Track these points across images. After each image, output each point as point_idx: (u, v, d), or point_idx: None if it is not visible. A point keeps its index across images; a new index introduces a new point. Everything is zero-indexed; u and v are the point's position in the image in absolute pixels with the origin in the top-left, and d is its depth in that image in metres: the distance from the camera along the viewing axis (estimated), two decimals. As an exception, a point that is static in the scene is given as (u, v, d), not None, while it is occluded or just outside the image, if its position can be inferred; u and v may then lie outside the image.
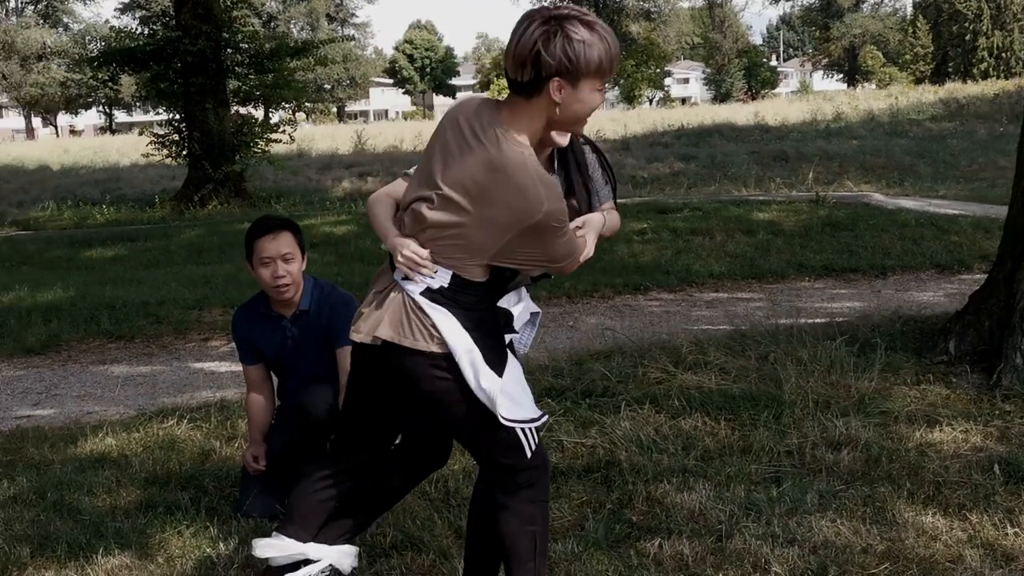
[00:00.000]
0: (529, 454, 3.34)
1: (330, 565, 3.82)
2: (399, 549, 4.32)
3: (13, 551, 4.43)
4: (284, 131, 22.29)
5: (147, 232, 15.93)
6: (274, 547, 3.77)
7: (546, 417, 3.41)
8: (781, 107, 41.59)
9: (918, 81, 71.38)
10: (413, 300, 3.25)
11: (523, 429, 3.30)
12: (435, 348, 3.22)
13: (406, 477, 3.99)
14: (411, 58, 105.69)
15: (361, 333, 3.38)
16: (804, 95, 63.91)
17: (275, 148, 22.56)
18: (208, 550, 4.43)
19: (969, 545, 4.15)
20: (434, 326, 3.21)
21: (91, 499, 5.03)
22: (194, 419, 6.25)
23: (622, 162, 24.37)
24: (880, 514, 4.45)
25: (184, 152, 21.61)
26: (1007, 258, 6.19)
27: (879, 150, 24.97)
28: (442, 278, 3.24)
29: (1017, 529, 4.25)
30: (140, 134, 22.74)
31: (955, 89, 44.18)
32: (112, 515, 4.80)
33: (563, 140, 3.30)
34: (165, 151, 21.93)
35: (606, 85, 3.21)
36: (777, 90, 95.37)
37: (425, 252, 3.22)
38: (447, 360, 3.22)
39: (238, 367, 5.10)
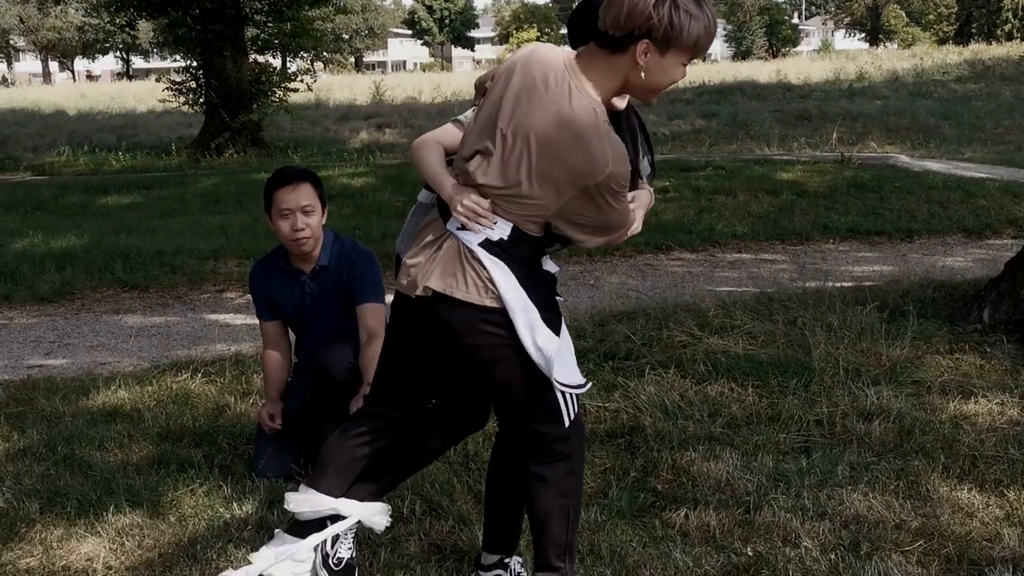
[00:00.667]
0: (567, 423, 3.24)
1: (358, 522, 3.67)
2: (417, 515, 4.20)
3: (22, 506, 4.32)
4: (303, 80, 22.05)
5: (163, 180, 15.79)
6: (306, 501, 3.61)
7: (589, 384, 3.27)
8: (803, 65, 41.10)
9: (941, 42, 70.56)
10: (470, 251, 3.11)
11: (567, 395, 3.19)
12: (488, 302, 3.08)
13: (445, 437, 3.80)
14: (430, 9, 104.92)
15: (408, 284, 3.24)
16: (826, 54, 63.17)
17: (292, 98, 22.34)
18: (221, 510, 4.32)
19: (1007, 523, 4.00)
20: (490, 279, 3.07)
21: (102, 454, 4.91)
22: (208, 373, 6.13)
23: (643, 118, 24.06)
24: (914, 488, 4.31)
25: (201, 100, 21.41)
26: (1047, 225, 6.00)
27: (903, 111, 24.63)
28: (502, 229, 3.09)
29: (1057, 508, 4.11)
30: (157, 80, 22.59)
31: (980, 50, 43.58)
32: (123, 471, 4.68)
33: (621, 103, 3.17)
34: (182, 98, 21.74)
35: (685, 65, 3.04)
36: (799, 48, 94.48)
37: (486, 202, 3.08)
38: (500, 315, 3.08)
39: (253, 320, 4.97)
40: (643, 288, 8.38)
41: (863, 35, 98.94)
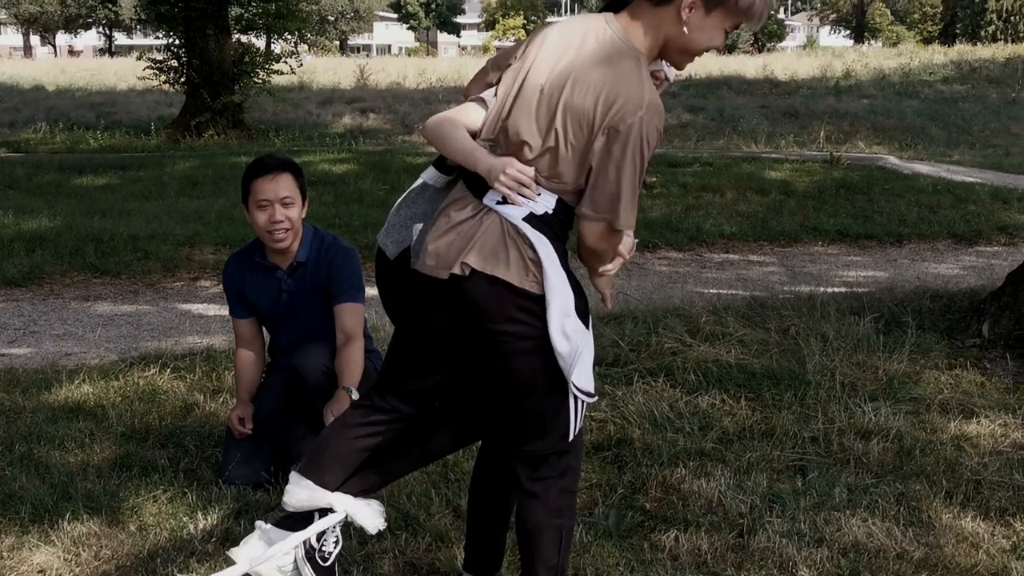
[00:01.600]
0: (572, 436, 3.05)
1: (345, 517, 3.41)
2: (392, 529, 3.96)
3: (-28, 511, 4.07)
4: (287, 63, 21.69)
5: (140, 161, 15.47)
6: (299, 492, 3.33)
7: (596, 397, 3.07)
8: (790, 61, 40.89)
9: (926, 41, 70.66)
10: (514, 226, 2.91)
11: (577, 404, 3.01)
12: (528, 285, 2.88)
13: (454, 439, 3.55)
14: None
15: (436, 265, 3.01)
16: (812, 50, 63.07)
17: (276, 80, 21.99)
18: (185, 519, 4.08)
19: (1014, 556, 3.82)
20: (533, 259, 2.88)
21: (62, 454, 4.66)
22: (178, 368, 5.88)
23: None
24: (915, 515, 4.11)
25: (182, 79, 21.03)
26: (1051, 238, 5.80)
27: (890, 111, 24.48)
28: (546, 202, 2.91)
29: (1065, 540, 3.91)
30: (138, 58, 22.12)
31: (965, 51, 43.48)
32: (83, 473, 4.44)
33: (672, 72, 3.06)
34: (162, 77, 21.34)
35: (727, 33, 2.96)
36: (784, 43, 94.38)
37: (531, 170, 2.89)
38: (535, 303, 2.88)
39: (227, 311, 4.73)
40: (629, 288, 8.17)
41: (848, 32, 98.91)
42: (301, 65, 22.42)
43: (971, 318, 6.10)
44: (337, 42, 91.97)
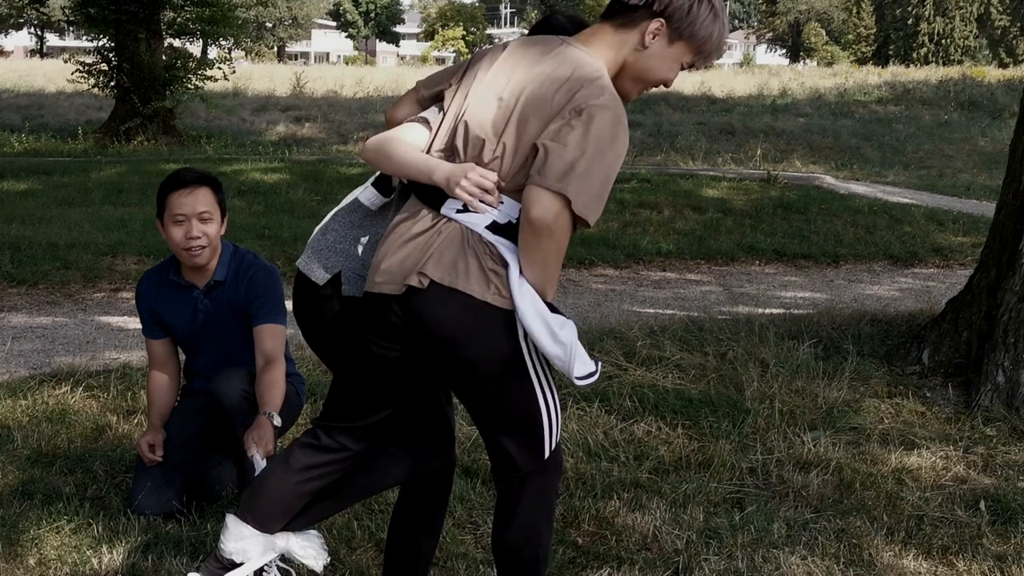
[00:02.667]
0: (547, 453, 2.90)
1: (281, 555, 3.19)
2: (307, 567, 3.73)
3: None
4: (220, 69, 21.31)
5: (65, 166, 15.04)
6: (239, 539, 3.08)
7: (600, 365, 2.92)
8: (727, 79, 41.12)
9: (860, 62, 71.49)
10: (476, 235, 2.75)
11: (552, 421, 2.87)
12: (491, 299, 2.72)
13: (405, 470, 3.30)
14: (356, 2, 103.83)
15: (386, 281, 2.83)
16: (748, 68, 63.59)
17: (210, 86, 21.60)
18: (88, 552, 3.83)
19: (957, 598, 3.67)
20: (494, 270, 2.73)
21: (-40, 480, 4.39)
22: (91, 387, 5.60)
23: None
24: (856, 553, 3.96)
25: (112, 83, 20.58)
26: (991, 265, 5.70)
27: (826, 130, 24.62)
28: (508, 211, 2.76)
29: (1009, 581, 3.79)
30: (66, 61, 21.60)
31: (899, 72, 44.03)
32: (-18, 502, 4.17)
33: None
34: (92, 81, 20.86)
35: (680, 70, 2.95)
36: (720, 61, 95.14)
37: (493, 175, 2.76)
38: (499, 317, 2.73)
39: (147, 326, 4.46)
40: (564, 306, 7.98)
41: (784, 51, 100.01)
42: (234, 71, 22.02)
43: (910, 345, 5.99)
44: (275, 49, 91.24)
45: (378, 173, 3.13)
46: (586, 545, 4.00)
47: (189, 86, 20.68)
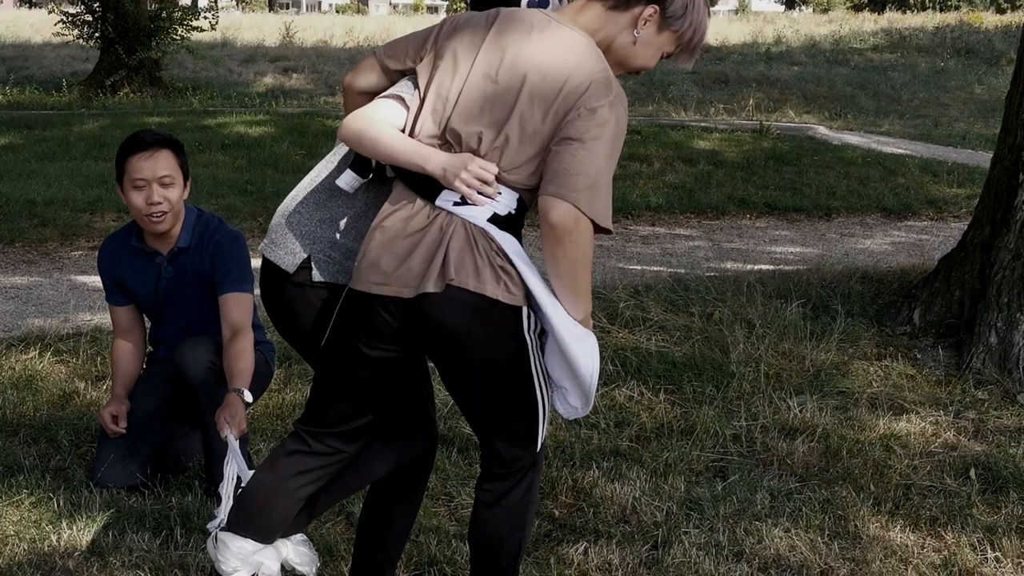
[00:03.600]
0: (539, 445, 2.86)
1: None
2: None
3: None
4: (206, 18, 20.96)
5: (47, 119, 14.77)
6: (235, 554, 2.93)
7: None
8: (721, 26, 40.63)
9: (856, 8, 70.84)
10: (480, 230, 2.63)
11: (545, 413, 2.82)
12: (501, 296, 2.64)
13: (392, 462, 3.17)
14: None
15: (387, 280, 2.70)
16: (743, 14, 62.99)
17: (197, 36, 21.25)
18: (47, 528, 3.72)
19: (944, 571, 3.56)
20: (503, 267, 2.64)
21: (-82, 452, 4.25)
22: (60, 351, 5.46)
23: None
24: (841, 525, 3.84)
25: (96, 34, 20.24)
26: (985, 222, 5.54)
27: (821, 79, 24.31)
28: (508, 201, 2.68)
29: (999, 553, 3.67)
30: (50, 12, 21.23)
31: (895, 19, 43.53)
32: (-60, 475, 4.04)
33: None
34: (76, 32, 20.52)
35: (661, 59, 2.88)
36: (716, 7, 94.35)
37: (493, 166, 2.65)
38: (509, 315, 2.66)
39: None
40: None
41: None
42: (217, 21, 21.63)
43: (901, 304, 5.85)
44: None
45: (354, 154, 2.94)
46: (563, 517, 3.88)
47: (175, 36, 20.35)
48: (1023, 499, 4.03)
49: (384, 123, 2.77)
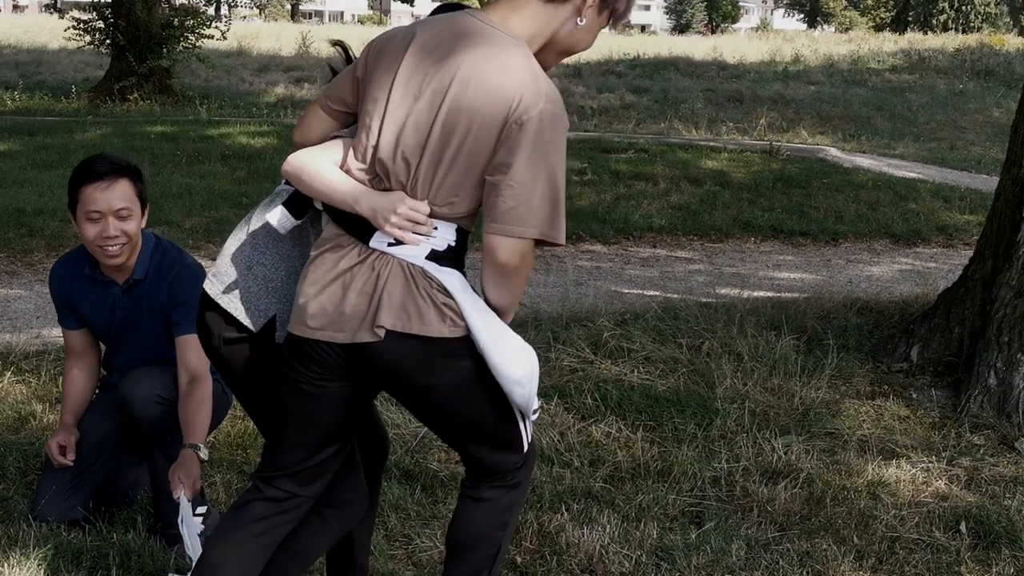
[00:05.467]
0: (526, 447, 2.78)
1: None
2: None
3: None
4: (217, 27, 20.84)
5: (50, 126, 14.64)
6: None
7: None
8: (740, 44, 40.39)
9: (878, 28, 70.52)
10: (419, 269, 2.50)
11: (520, 417, 2.73)
12: (447, 331, 2.54)
13: (363, 506, 3.06)
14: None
15: (321, 325, 2.58)
16: (764, 33, 62.72)
17: (212, 44, 21.13)
18: (-21, 564, 3.50)
19: (927, 637, 3.32)
20: (447, 303, 2.53)
21: None
22: (22, 370, 5.27)
23: (571, 90, 23.24)
24: (819, 580, 3.61)
25: (107, 41, 20.15)
26: (987, 256, 5.30)
27: (837, 99, 24.04)
28: (445, 235, 2.57)
29: (986, 617, 3.43)
30: (61, 17, 21.14)
31: (916, 40, 43.16)
32: None
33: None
34: (87, 38, 20.43)
35: None
36: (737, 25, 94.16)
37: (424, 205, 2.53)
38: (459, 345, 2.55)
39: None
40: (545, 284, 7.64)
41: (802, 16, 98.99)
42: (228, 28, 21.49)
43: (899, 339, 5.61)
44: (289, 7, 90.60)
45: (292, 191, 2.75)
46: (524, 564, 3.67)
47: (186, 45, 20.24)
48: (1015, 556, 3.79)
49: (326, 161, 2.64)
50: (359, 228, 2.57)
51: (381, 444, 3.21)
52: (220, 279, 2.84)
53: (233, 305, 2.80)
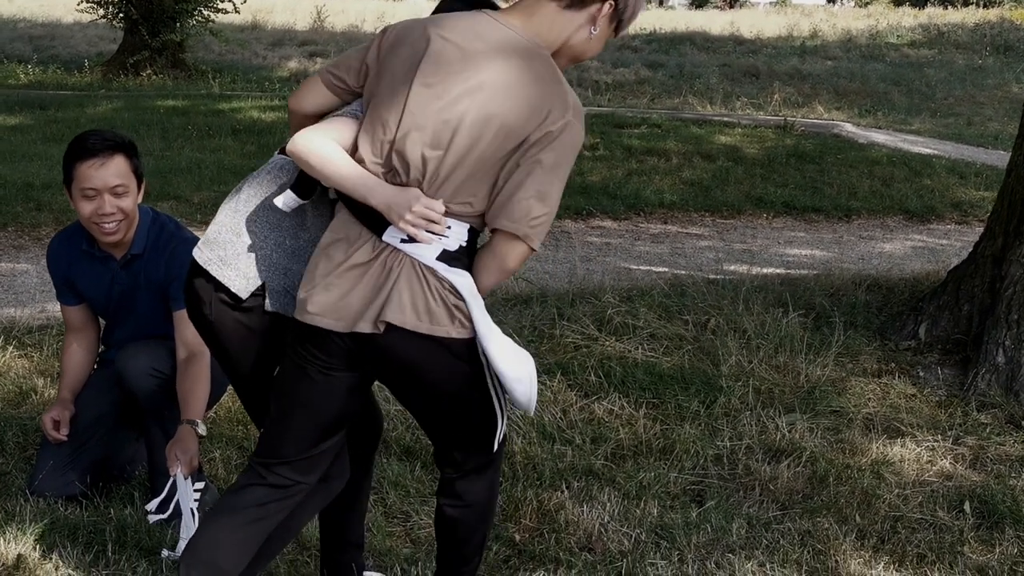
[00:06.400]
0: (496, 446, 2.83)
1: None
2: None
3: None
4: (231, 1, 20.72)
5: (63, 100, 14.62)
6: None
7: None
8: (758, 19, 40.08)
9: (898, 3, 69.94)
10: (429, 269, 2.56)
11: (501, 416, 2.80)
12: (455, 332, 2.58)
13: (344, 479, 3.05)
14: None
15: (326, 314, 2.59)
16: (782, 7, 62.23)
17: (227, 18, 21.02)
18: (-24, 540, 3.49)
19: (928, 616, 3.29)
20: (457, 305, 2.56)
21: None
22: (25, 344, 5.26)
23: (586, 64, 23.01)
24: (820, 560, 3.58)
25: (120, 15, 20.08)
26: (998, 232, 5.23)
27: (854, 74, 23.85)
28: (458, 234, 2.58)
29: (988, 598, 3.39)
30: (74, -9, 21.09)
31: (936, 15, 42.79)
32: None
33: None
34: (100, 11, 20.37)
35: None
36: (756, 1, 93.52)
37: (440, 204, 2.54)
38: (465, 346, 2.60)
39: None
40: (555, 260, 7.59)
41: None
42: (244, 1, 21.38)
43: (907, 317, 5.55)
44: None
45: (296, 171, 2.72)
46: (523, 542, 3.64)
47: (199, 18, 20.15)
48: (1019, 537, 3.75)
49: (334, 145, 2.62)
50: (373, 220, 2.57)
51: (375, 424, 3.19)
52: (209, 246, 2.82)
53: (221, 272, 2.78)
